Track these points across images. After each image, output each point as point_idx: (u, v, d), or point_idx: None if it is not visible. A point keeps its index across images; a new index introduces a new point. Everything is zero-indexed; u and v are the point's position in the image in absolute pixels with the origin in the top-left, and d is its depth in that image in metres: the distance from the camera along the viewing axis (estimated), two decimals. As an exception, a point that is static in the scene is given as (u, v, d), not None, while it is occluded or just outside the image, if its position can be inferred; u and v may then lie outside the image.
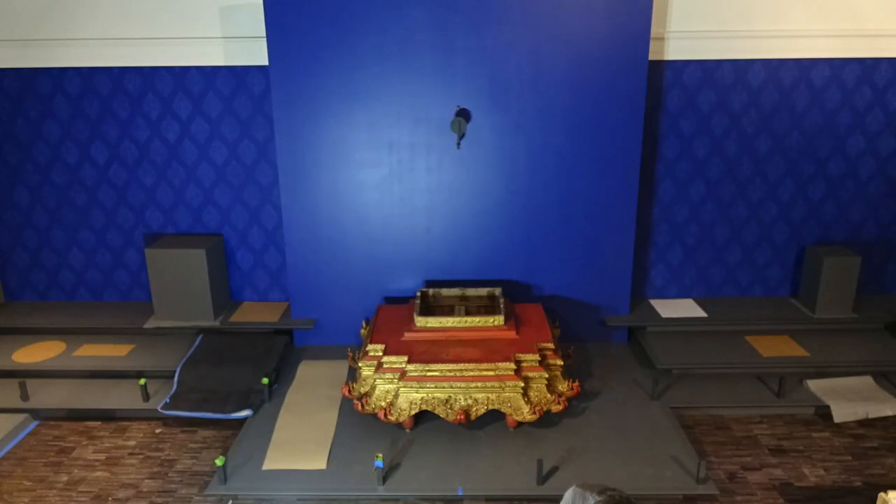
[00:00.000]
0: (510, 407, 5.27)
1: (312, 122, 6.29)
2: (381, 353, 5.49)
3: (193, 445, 5.57)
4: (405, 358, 5.38)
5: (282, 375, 6.40)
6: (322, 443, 5.36)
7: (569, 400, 5.47)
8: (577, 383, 5.51)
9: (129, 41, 6.57)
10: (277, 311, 7.09)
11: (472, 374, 5.29)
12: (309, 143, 6.36)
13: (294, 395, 6.06)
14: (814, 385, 6.02)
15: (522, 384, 5.26)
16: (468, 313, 6.03)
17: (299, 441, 5.39)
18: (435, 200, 6.54)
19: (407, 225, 6.59)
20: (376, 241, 6.65)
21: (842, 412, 5.70)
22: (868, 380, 6.09)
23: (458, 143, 6.28)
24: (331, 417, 5.70)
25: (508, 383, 5.24)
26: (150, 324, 6.88)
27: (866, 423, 5.73)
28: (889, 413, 5.72)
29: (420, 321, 5.76)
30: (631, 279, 6.77)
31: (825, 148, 6.84)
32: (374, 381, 5.40)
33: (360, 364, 5.56)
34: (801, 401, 5.90)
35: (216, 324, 6.88)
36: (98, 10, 6.51)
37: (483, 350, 5.51)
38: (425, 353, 5.49)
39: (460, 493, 4.81)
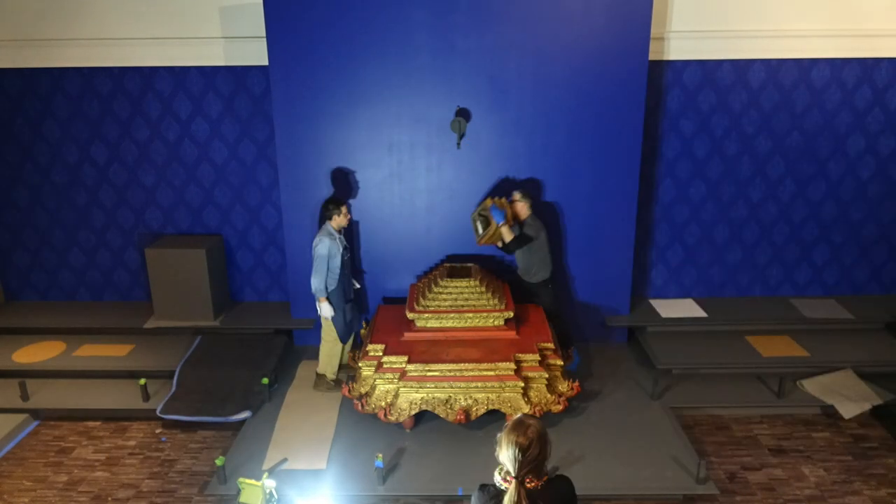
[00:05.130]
0: (510, 407, 5.27)
1: (312, 122, 6.29)
2: (381, 353, 5.49)
3: (193, 445, 5.57)
4: (405, 358, 5.38)
5: (281, 375, 6.40)
6: (322, 443, 5.36)
7: (569, 400, 5.47)
8: (577, 383, 5.51)
9: (129, 41, 6.58)
10: (277, 311, 7.09)
11: (472, 374, 5.29)
12: (309, 143, 6.36)
13: (294, 395, 6.06)
14: (807, 384, 6.01)
15: (522, 384, 5.26)
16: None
17: (299, 441, 5.39)
18: (435, 200, 6.54)
19: (407, 225, 6.59)
20: (376, 241, 6.65)
21: (848, 408, 5.70)
22: (849, 373, 6.09)
23: (458, 143, 6.28)
24: (331, 417, 5.70)
25: (508, 383, 5.24)
26: (150, 324, 6.89)
27: (866, 423, 5.73)
28: (887, 399, 5.76)
29: (420, 321, 5.76)
30: (631, 279, 6.77)
31: (825, 148, 6.84)
32: (374, 381, 5.40)
33: (360, 364, 5.56)
34: (801, 401, 5.90)
35: (216, 324, 6.89)
36: (98, 10, 6.52)
37: (483, 350, 5.51)
38: (425, 353, 5.49)
39: (460, 494, 4.81)
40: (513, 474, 2.51)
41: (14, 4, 6.54)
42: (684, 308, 7.02)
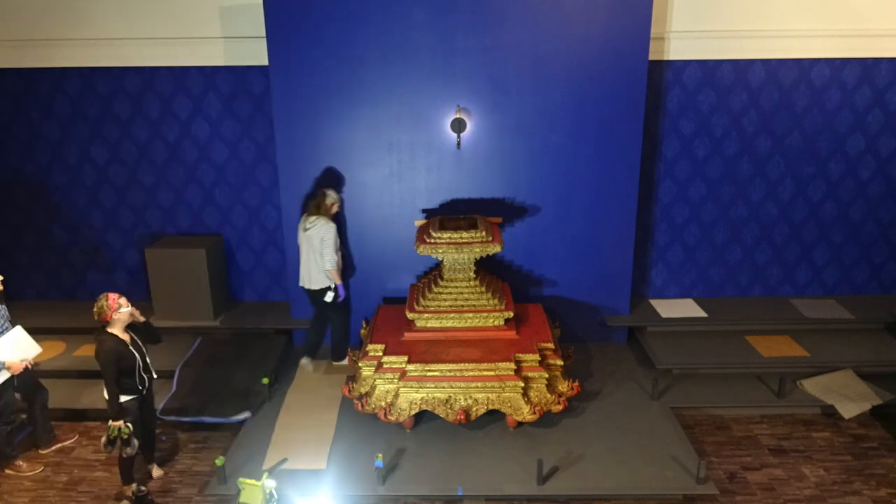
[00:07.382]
0: (510, 407, 5.27)
1: (312, 122, 6.29)
2: (381, 353, 5.49)
3: (193, 445, 5.57)
4: (405, 358, 5.38)
5: (281, 376, 6.39)
6: (322, 443, 5.36)
7: (569, 400, 5.47)
8: (577, 383, 5.51)
9: (129, 41, 6.58)
10: (277, 311, 7.09)
11: (472, 374, 5.29)
12: (309, 143, 6.36)
13: (294, 395, 6.06)
14: (807, 384, 6.02)
15: (522, 384, 5.26)
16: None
17: (299, 441, 5.39)
18: (435, 200, 6.53)
19: (407, 225, 6.59)
20: (376, 241, 6.64)
21: (848, 408, 5.70)
22: (849, 373, 6.09)
23: (458, 143, 6.28)
24: (331, 417, 5.70)
25: (508, 383, 5.24)
26: (150, 324, 6.88)
27: (866, 423, 5.73)
28: (887, 399, 5.76)
29: (420, 321, 5.76)
30: (631, 279, 6.77)
31: (825, 148, 6.84)
32: (374, 381, 5.40)
33: (360, 364, 5.56)
34: (801, 401, 5.90)
35: (216, 324, 6.89)
36: (98, 10, 6.52)
37: (483, 350, 5.51)
38: (425, 353, 5.49)
39: (460, 493, 4.81)
40: None
41: (14, 4, 6.55)
42: (684, 308, 7.02)
